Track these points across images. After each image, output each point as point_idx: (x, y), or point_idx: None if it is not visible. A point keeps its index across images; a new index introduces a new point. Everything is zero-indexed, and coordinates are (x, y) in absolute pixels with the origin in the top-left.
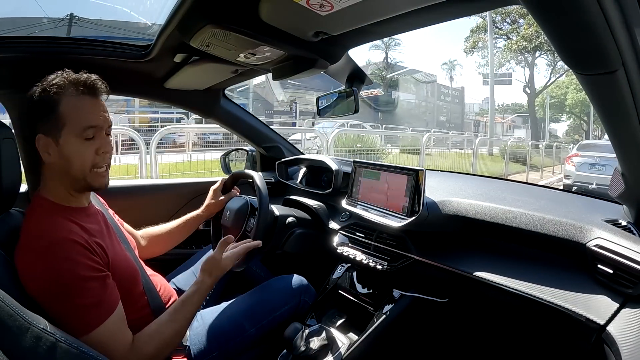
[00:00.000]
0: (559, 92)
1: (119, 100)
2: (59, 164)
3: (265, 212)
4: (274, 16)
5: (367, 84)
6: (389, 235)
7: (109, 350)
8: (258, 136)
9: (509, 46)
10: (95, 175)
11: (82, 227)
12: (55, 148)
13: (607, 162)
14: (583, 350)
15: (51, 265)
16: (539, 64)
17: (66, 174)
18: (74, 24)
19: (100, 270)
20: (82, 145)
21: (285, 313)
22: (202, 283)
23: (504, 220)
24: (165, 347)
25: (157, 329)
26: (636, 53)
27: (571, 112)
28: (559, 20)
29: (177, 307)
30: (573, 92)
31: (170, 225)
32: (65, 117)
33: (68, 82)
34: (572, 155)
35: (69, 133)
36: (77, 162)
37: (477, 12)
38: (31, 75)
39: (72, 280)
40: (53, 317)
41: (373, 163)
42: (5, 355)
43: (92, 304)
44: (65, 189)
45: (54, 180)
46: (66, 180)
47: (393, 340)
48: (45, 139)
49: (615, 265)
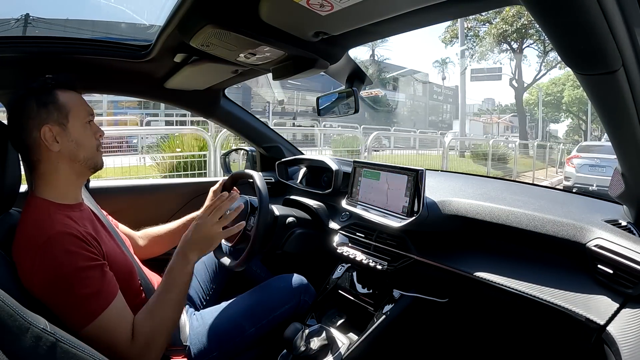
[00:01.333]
0: (555, 89)
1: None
2: (69, 148)
3: (265, 212)
4: (274, 16)
5: (368, 84)
6: (389, 235)
7: (115, 336)
8: (258, 136)
9: (490, 31)
10: (99, 155)
11: (76, 222)
12: (63, 134)
13: (607, 163)
14: (583, 350)
15: (50, 259)
16: (529, 55)
17: (76, 156)
18: (29, 24)
19: (97, 259)
20: (86, 129)
21: (285, 312)
22: (184, 260)
23: (504, 220)
24: (160, 328)
25: (150, 311)
26: (636, 53)
27: (568, 110)
28: (559, 20)
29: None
30: (570, 89)
31: (170, 226)
32: (68, 105)
33: (56, 79)
34: (572, 157)
35: (75, 119)
36: (87, 144)
37: (477, 12)
38: (31, 75)
39: (71, 271)
40: (55, 311)
41: (373, 163)
42: (5, 355)
43: (93, 293)
44: (68, 177)
45: (57, 172)
46: (76, 164)
47: (393, 340)
48: (53, 127)
49: (615, 265)
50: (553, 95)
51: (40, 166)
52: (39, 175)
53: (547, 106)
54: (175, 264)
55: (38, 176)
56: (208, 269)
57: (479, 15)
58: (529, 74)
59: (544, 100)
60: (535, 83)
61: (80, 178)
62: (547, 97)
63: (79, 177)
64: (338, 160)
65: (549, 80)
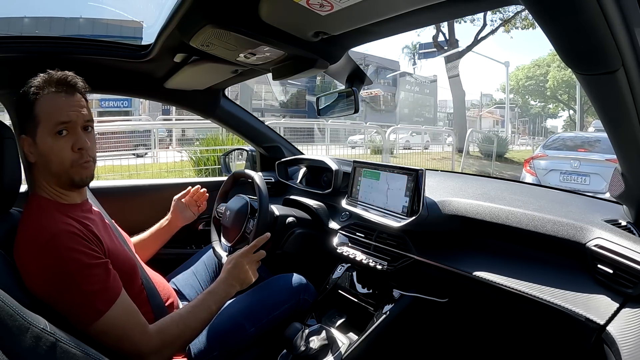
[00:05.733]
0: (537, 72)
1: None
2: (40, 163)
3: (265, 213)
4: (274, 16)
5: (367, 84)
6: (389, 235)
7: (125, 332)
8: (258, 136)
9: None
10: (76, 171)
11: (78, 221)
12: (34, 147)
13: (592, 168)
14: (583, 350)
15: (55, 257)
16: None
17: (48, 172)
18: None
19: (101, 257)
20: (56, 142)
21: (285, 312)
22: (226, 291)
23: (504, 220)
24: (176, 340)
25: (172, 322)
26: (636, 53)
27: (555, 97)
28: (559, 21)
29: (194, 305)
30: (555, 71)
31: (151, 231)
32: (40, 116)
33: (43, 82)
34: (534, 157)
35: (42, 131)
36: (54, 159)
37: (477, 12)
38: (31, 75)
39: (77, 269)
40: (61, 309)
41: (373, 163)
42: (5, 355)
43: (99, 290)
44: (53, 187)
45: (42, 180)
46: (50, 178)
47: (393, 340)
48: (26, 139)
49: (615, 265)
50: (535, 79)
51: (34, 170)
52: (36, 177)
53: (528, 92)
54: (216, 290)
55: (36, 177)
56: (208, 269)
57: None
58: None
59: (523, 85)
60: (515, 66)
61: (67, 188)
62: (528, 82)
63: (65, 188)
64: (338, 160)
65: (532, 61)
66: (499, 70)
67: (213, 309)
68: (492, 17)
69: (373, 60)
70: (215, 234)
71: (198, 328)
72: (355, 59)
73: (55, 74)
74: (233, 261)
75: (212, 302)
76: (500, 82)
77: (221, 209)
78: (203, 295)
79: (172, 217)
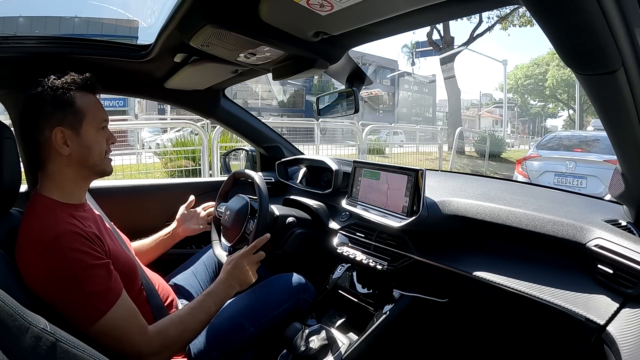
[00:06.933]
0: (536, 71)
1: None
2: (79, 153)
3: (265, 213)
4: (274, 16)
5: (367, 84)
6: (389, 235)
7: (126, 333)
8: (258, 136)
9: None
10: (107, 161)
11: (80, 221)
12: (75, 138)
13: (589, 169)
14: (583, 350)
15: (58, 257)
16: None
17: (85, 161)
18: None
19: (103, 258)
20: (99, 135)
21: (285, 311)
22: (225, 292)
23: (504, 220)
24: (175, 342)
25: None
26: (636, 53)
27: (554, 96)
28: (559, 21)
29: (193, 305)
30: (554, 70)
31: (154, 238)
32: (84, 110)
33: (72, 81)
34: (527, 157)
35: (89, 124)
36: (96, 149)
37: (477, 12)
38: (31, 75)
39: (80, 269)
40: (62, 309)
41: (373, 163)
42: (6, 355)
43: (101, 291)
44: (75, 180)
45: (65, 174)
46: (84, 169)
47: (393, 340)
48: (65, 131)
49: (615, 265)
50: (534, 77)
51: (48, 165)
52: (46, 174)
53: (527, 92)
54: (215, 291)
55: (45, 175)
56: (208, 269)
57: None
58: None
59: (522, 84)
60: (514, 65)
61: (86, 181)
62: (527, 81)
63: (85, 181)
64: (338, 160)
65: (531, 60)
66: (498, 69)
67: (212, 310)
68: (489, 15)
69: (372, 60)
70: (215, 233)
71: (197, 329)
72: (354, 58)
73: (78, 75)
74: (233, 262)
75: (212, 303)
76: (499, 81)
77: (221, 209)
78: (202, 296)
79: (177, 226)
